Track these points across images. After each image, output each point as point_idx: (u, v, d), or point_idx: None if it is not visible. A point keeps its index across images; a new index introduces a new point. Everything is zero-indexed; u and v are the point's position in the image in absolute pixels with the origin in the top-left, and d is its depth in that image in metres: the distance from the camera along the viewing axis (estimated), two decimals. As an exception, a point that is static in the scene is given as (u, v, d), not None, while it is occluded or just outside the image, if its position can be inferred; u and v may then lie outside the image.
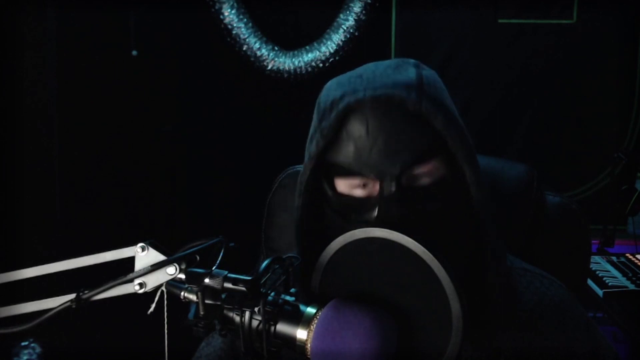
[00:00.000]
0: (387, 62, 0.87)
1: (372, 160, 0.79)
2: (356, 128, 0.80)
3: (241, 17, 2.61)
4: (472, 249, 0.84)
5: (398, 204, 0.77)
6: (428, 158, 0.80)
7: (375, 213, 0.79)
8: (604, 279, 2.05)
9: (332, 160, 0.82)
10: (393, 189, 0.78)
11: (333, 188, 0.84)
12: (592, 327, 0.96)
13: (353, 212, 0.82)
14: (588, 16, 2.75)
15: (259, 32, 2.65)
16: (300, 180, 0.85)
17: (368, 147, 0.79)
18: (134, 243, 0.72)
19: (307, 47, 2.66)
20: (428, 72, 0.86)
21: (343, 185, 0.83)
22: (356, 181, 0.82)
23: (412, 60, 0.88)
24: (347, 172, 0.81)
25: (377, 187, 0.80)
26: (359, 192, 0.82)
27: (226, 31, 2.61)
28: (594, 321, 0.98)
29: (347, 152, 0.80)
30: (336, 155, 0.82)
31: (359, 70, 0.87)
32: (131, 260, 0.72)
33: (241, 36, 2.62)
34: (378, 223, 0.77)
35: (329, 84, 0.88)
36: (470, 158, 0.81)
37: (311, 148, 0.83)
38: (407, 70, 0.84)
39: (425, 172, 0.80)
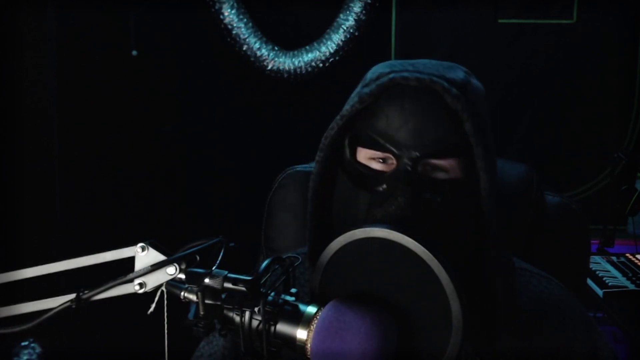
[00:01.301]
0: (437, 61, 0.89)
1: (397, 138, 0.81)
2: (393, 103, 0.82)
3: (241, 17, 2.61)
4: (473, 250, 0.85)
5: (407, 185, 0.79)
6: (449, 155, 0.82)
7: (385, 186, 0.81)
8: (604, 279, 2.04)
9: (360, 127, 0.85)
10: (408, 168, 0.81)
11: (353, 155, 0.86)
12: (592, 326, 0.97)
13: (367, 181, 0.84)
14: (588, 16, 2.75)
15: (259, 32, 2.65)
16: (325, 135, 0.87)
17: (398, 124, 0.81)
18: (134, 243, 0.71)
19: (307, 47, 2.66)
20: (476, 82, 0.89)
21: (364, 155, 0.86)
22: (377, 154, 0.84)
23: (463, 67, 0.90)
24: (371, 143, 0.84)
25: (395, 164, 0.82)
26: (376, 165, 0.85)
27: (226, 31, 2.61)
28: (593, 320, 0.98)
29: (377, 123, 0.83)
30: (366, 124, 0.84)
31: (411, 60, 0.89)
32: (131, 260, 0.72)
33: (241, 36, 2.62)
34: (385, 197, 0.80)
35: (379, 64, 0.91)
36: (490, 170, 0.82)
37: (345, 109, 0.85)
38: (457, 70, 0.87)
39: (442, 167, 0.82)
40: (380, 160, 0.85)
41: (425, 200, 0.80)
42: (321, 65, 2.64)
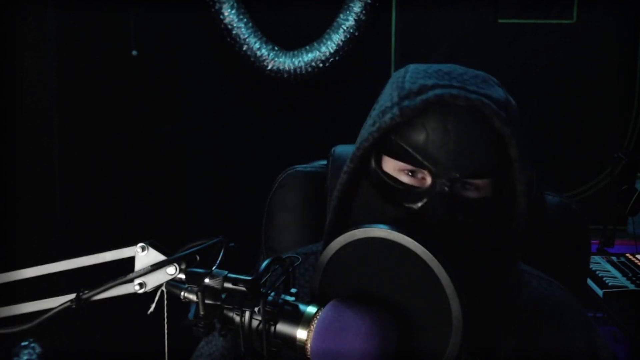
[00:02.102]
0: (472, 70, 0.87)
1: (438, 156, 0.79)
2: (435, 120, 0.79)
3: (241, 17, 2.61)
4: (492, 268, 0.85)
5: (445, 206, 0.78)
6: (486, 176, 0.81)
7: (420, 205, 0.80)
8: (604, 279, 2.04)
9: (394, 140, 0.82)
10: (447, 189, 0.79)
11: (379, 164, 0.85)
12: (591, 327, 0.97)
13: (396, 194, 0.82)
14: (588, 16, 2.75)
15: (259, 32, 2.65)
16: (358, 146, 0.84)
17: (440, 142, 0.79)
18: (134, 243, 0.71)
19: (307, 47, 2.66)
20: (512, 99, 0.86)
21: (391, 165, 0.84)
22: (408, 166, 0.82)
23: (494, 79, 0.88)
24: (404, 156, 0.82)
25: (429, 180, 0.81)
26: (405, 178, 0.83)
27: (226, 31, 2.61)
28: (593, 322, 0.98)
29: (416, 138, 0.80)
30: (401, 137, 0.81)
31: (444, 67, 0.86)
32: (131, 260, 0.72)
33: (241, 36, 2.62)
34: (422, 213, 0.79)
35: (414, 68, 0.87)
36: (529, 192, 0.82)
37: (383, 120, 0.82)
38: (495, 87, 0.84)
39: (476, 185, 0.82)
40: (409, 173, 0.83)
41: (460, 221, 0.80)
42: (321, 65, 2.64)
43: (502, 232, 0.84)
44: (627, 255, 2.26)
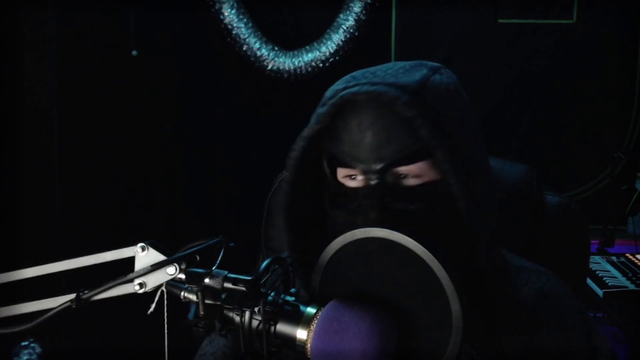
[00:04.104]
0: (407, 62, 0.88)
1: (360, 153, 0.81)
2: (351, 119, 0.82)
3: (241, 17, 2.61)
4: (466, 252, 0.84)
5: (376, 199, 0.79)
6: (415, 160, 0.81)
7: (356, 203, 0.82)
8: (604, 279, 2.04)
9: (329, 149, 0.86)
10: (374, 182, 0.81)
11: (334, 175, 0.87)
12: (589, 322, 0.97)
13: (342, 199, 0.85)
14: (588, 16, 2.75)
15: (259, 32, 2.65)
16: (289, 156, 0.87)
17: (358, 140, 0.81)
18: (134, 243, 0.72)
19: (307, 47, 2.66)
20: (440, 78, 0.86)
21: (341, 173, 0.86)
22: (352, 171, 0.84)
23: (431, 64, 0.88)
24: (338, 161, 0.85)
25: (362, 178, 0.83)
26: (351, 183, 0.85)
27: (226, 31, 2.61)
28: (589, 313, 0.99)
29: (341, 142, 0.83)
30: (332, 144, 0.85)
31: (378, 66, 0.88)
32: (131, 260, 0.72)
33: (241, 36, 2.62)
34: (356, 214, 0.81)
35: (342, 78, 0.90)
36: (458, 170, 0.80)
37: (307, 129, 0.86)
38: (417, 72, 0.85)
39: (412, 173, 0.82)
40: (352, 177, 0.85)
41: (399, 211, 0.80)
42: (321, 65, 2.64)
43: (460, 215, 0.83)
44: (627, 255, 2.26)
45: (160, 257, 0.71)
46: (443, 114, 0.82)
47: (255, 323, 0.69)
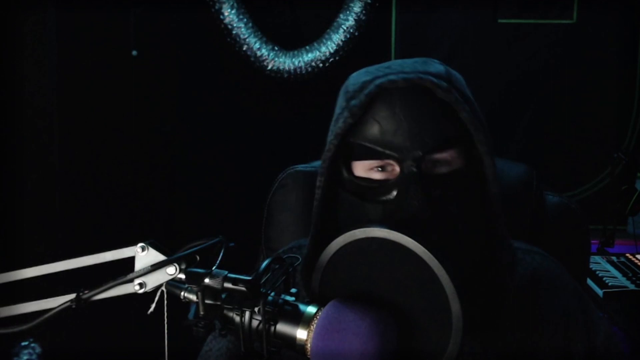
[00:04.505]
0: (412, 59, 0.89)
1: (396, 141, 0.81)
2: (383, 109, 0.82)
3: (241, 17, 2.61)
4: (483, 245, 0.85)
5: (418, 185, 0.79)
6: (450, 146, 0.82)
7: (395, 193, 0.80)
8: (604, 279, 2.04)
9: (353, 141, 0.84)
10: (414, 169, 0.80)
11: (350, 171, 0.86)
12: (583, 297, 0.99)
13: (372, 192, 0.83)
14: (588, 16, 2.75)
15: (259, 32, 2.65)
16: (323, 158, 0.86)
17: (393, 128, 0.81)
18: (134, 243, 0.71)
19: (307, 47, 2.66)
20: (454, 71, 0.89)
21: (361, 167, 0.85)
22: (375, 163, 0.83)
23: (436, 60, 0.90)
24: (367, 154, 0.83)
25: (397, 169, 0.82)
26: (377, 175, 0.84)
27: (226, 31, 2.61)
28: (585, 294, 1.00)
29: (371, 132, 0.82)
30: (358, 136, 0.83)
31: (386, 63, 0.88)
32: (131, 260, 0.72)
33: (241, 36, 2.62)
34: (398, 204, 0.79)
35: (355, 73, 0.90)
36: (491, 152, 0.83)
37: (337, 126, 0.84)
38: (434, 64, 0.87)
39: (445, 160, 0.82)
40: (379, 169, 0.84)
41: (438, 198, 0.80)
42: (321, 65, 2.64)
43: (483, 203, 0.85)
44: (627, 255, 2.26)
45: (160, 257, 0.71)
46: (472, 101, 0.85)
47: (255, 323, 0.69)
